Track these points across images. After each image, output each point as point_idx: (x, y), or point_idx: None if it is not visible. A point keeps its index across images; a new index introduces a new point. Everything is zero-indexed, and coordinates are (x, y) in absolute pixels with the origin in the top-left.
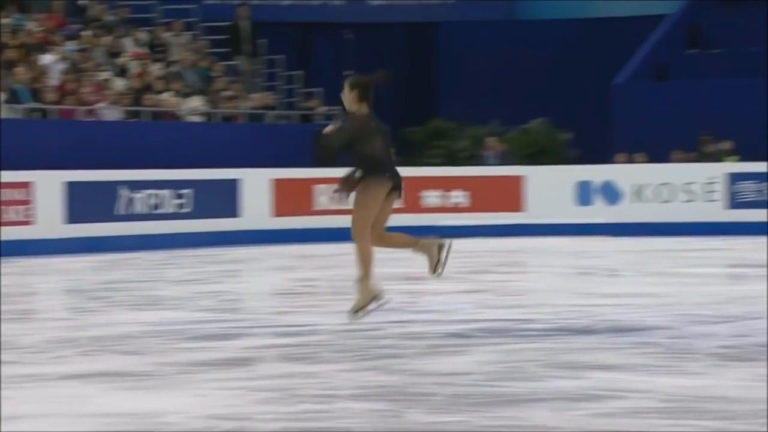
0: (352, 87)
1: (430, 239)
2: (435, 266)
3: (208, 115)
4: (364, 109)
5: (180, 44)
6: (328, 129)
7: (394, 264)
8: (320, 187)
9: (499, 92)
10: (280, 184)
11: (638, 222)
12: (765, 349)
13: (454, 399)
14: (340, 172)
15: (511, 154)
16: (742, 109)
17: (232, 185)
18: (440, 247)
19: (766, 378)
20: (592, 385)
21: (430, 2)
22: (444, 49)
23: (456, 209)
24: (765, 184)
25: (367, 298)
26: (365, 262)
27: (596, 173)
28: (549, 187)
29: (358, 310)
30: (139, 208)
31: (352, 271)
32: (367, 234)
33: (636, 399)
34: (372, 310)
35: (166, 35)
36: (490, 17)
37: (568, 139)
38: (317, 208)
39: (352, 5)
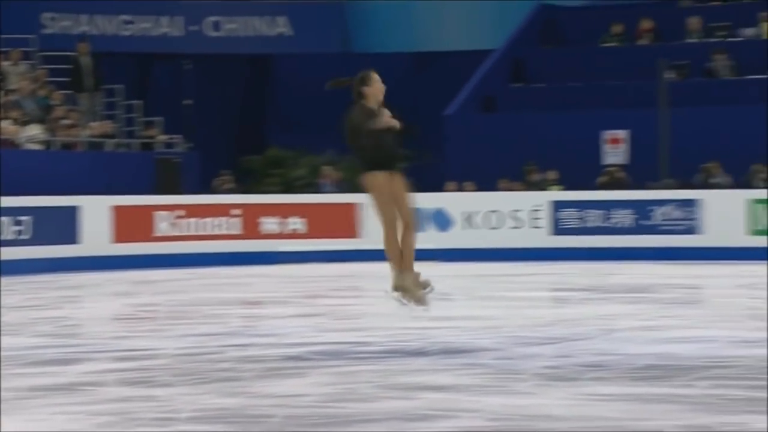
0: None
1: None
2: (399, 288)
3: (47, 143)
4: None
5: (18, 73)
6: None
7: (233, 289)
8: (160, 214)
9: (335, 122)
10: (119, 211)
11: (468, 248)
12: (587, 369)
13: (291, 420)
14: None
15: (346, 182)
16: (565, 141)
17: (71, 212)
18: (424, 286)
19: (588, 396)
20: (424, 406)
21: (266, 35)
22: (281, 80)
23: (294, 235)
24: (586, 211)
25: (408, 286)
26: (393, 260)
27: (428, 201)
28: None
29: (398, 288)
30: None
31: (192, 296)
32: (391, 234)
33: (466, 418)
34: (402, 300)
35: (4, 64)
36: (325, 50)
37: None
38: (157, 234)
39: (191, 36)
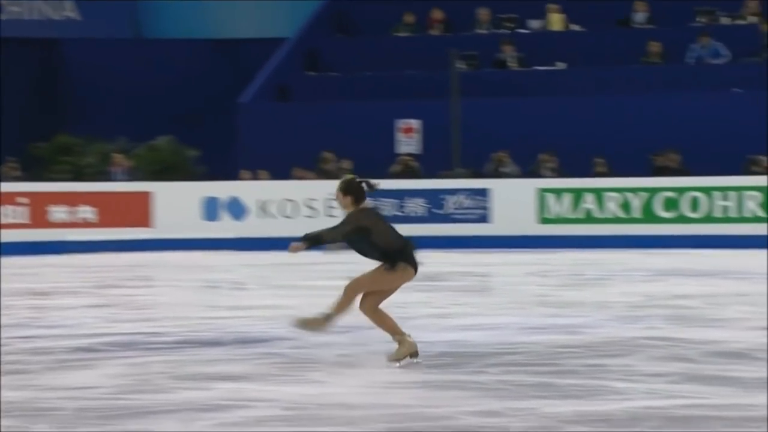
0: (346, 192)
1: (411, 341)
2: (398, 357)
3: None
4: (362, 206)
5: None
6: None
7: (20, 279)
8: None
9: (127, 109)
10: None
11: (263, 237)
12: (380, 357)
13: (81, 413)
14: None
15: (138, 171)
16: (359, 130)
17: None
18: (412, 355)
19: (381, 384)
20: (219, 396)
21: (53, 18)
22: (70, 66)
23: (84, 224)
24: (380, 200)
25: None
26: (339, 309)
27: (222, 189)
28: (176, 203)
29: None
30: None
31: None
32: (357, 295)
33: (261, 408)
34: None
35: None
36: (116, 35)
37: (195, 156)
38: None
39: None
